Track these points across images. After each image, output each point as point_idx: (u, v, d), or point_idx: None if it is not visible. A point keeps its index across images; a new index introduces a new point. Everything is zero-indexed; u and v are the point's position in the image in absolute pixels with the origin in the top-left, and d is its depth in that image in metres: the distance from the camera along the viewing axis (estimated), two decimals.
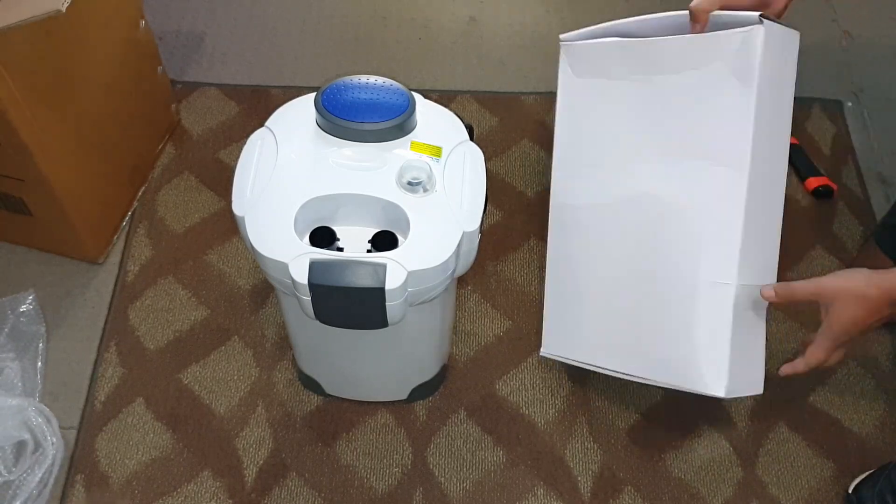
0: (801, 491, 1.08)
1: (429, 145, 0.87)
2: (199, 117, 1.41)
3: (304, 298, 0.82)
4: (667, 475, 1.08)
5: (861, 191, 1.35)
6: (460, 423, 1.12)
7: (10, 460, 1.03)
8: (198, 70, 1.48)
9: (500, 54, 1.52)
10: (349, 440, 1.10)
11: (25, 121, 1.01)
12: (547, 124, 1.41)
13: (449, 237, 0.82)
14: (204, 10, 1.57)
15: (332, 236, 0.85)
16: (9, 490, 1.02)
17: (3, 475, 1.02)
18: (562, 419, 1.12)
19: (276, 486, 1.06)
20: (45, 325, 1.16)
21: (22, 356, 1.12)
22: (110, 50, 1.16)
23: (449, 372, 1.15)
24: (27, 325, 1.15)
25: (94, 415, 1.11)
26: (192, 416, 1.11)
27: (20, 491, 1.01)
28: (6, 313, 1.15)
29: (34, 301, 1.16)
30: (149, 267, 1.24)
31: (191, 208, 1.30)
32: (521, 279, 1.24)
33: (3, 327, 1.14)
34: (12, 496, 1.01)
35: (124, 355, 1.16)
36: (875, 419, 1.13)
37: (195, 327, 1.19)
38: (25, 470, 1.02)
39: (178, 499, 1.05)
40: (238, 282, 1.23)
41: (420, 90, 0.91)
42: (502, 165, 1.36)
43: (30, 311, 1.16)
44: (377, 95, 0.87)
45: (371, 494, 1.06)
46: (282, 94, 1.43)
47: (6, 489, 1.02)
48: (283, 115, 0.91)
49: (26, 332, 1.14)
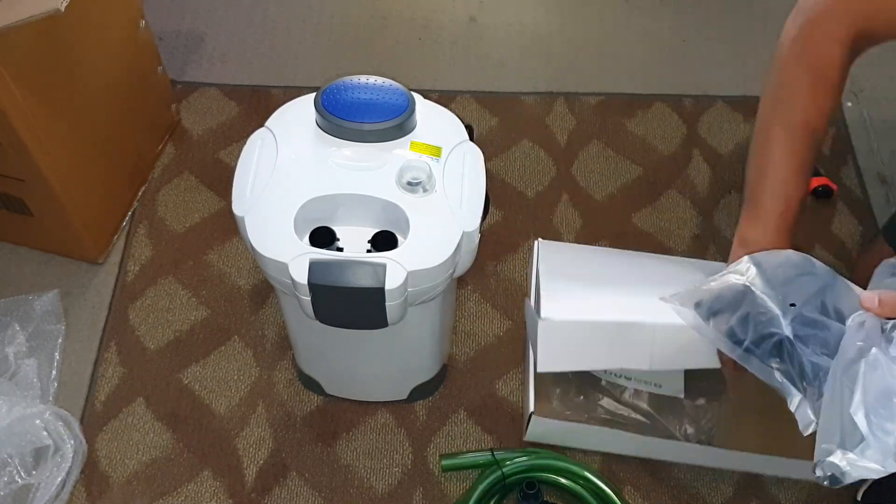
0: (802, 491, 1.08)
1: (428, 145, 0.87)
2: (199, 117, 1.41)
3: (303, 298, 0.82)
4: (666, 475, 1.08)
5: (861, 191, 1.35)
6: (460, 423, 1.12)
7: (29, 464, 1.03)
8: (198, 70, 1.48)
9: (500, 54, 1.52)
10: (349, 440, 1.10)
11: (25, 121, 1.01)
12: (547, 124, 1.42)
13: (449, 237, 0.82)
14: (204, 10, 1.57)
15: (331, 236, 0.85)
16: (28, 493, 1.02)
17: (22, 478, 1.02)
18: None
19: (276, 486, 1.06)
20: (66, 324, 1.17)
21: (39, 354, 1.12)
22: (110, 50, 1.16)
23: (449, 372, 1.15)
24: (47, 325, 1.15)
25: (94, 415, 1.11)
26: (192, 416, 1.11)
27: (39, 494, 1.01)
28: (31, 311, 1.15)
29: (56, 298, 1.16)
30: (149, 267, 1.24)
31: (191, 208, 1.30)
32: (521, 279, 1.24)
33: (28, 326, 1.14)
34: (32, 499, 1.01)
35: (124, 355, 1.16)
36: None
37: (195, 327, 1.19)
38: (45, 475, 1.02)
39: (178, 499, 1.06)
40: (238, 282, 1.23)
41: (420, 90, 0.91)
42: (502, 165, 1.36)
43: (51, 310, 1.16)
44: (377, 95, 0.87)
45: (371, 494, 1.06)
46: (282, 94, 1.43)
47: (26, 492, 1.02)
48: (283, 115, 0.91)
49: (46, 330, 1.15)
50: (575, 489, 1.03)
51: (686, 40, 1.55)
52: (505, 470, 1.03)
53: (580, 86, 1.47)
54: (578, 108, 1.44)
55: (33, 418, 1.04)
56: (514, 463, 1.04)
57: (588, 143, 1.39)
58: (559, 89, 1.47)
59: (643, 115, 1.43)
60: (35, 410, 1.04)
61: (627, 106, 1.44)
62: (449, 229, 0.83)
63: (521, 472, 1.04)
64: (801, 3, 0.92)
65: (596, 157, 1.38)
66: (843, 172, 1.37)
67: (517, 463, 1.04)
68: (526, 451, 1.06)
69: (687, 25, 1.57)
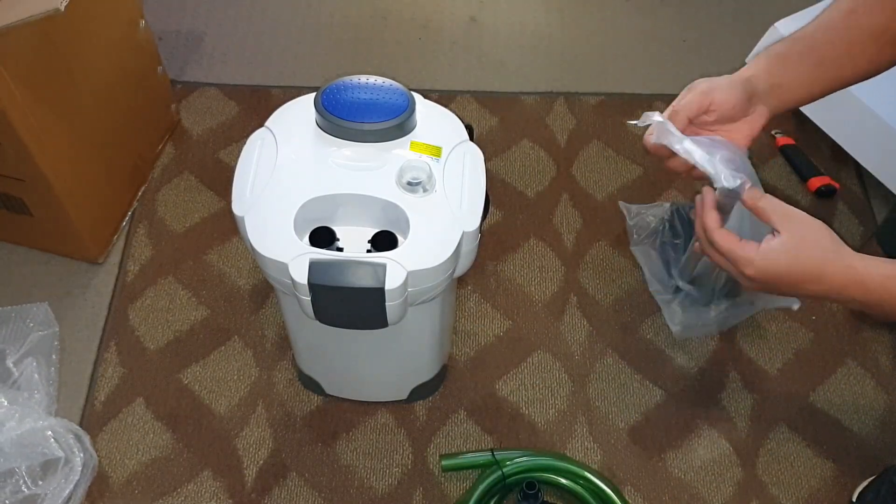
0: (801, 491, 1.08)
1: (428, 145, 0.87)
2: (199, 117, 1.40)
3: (303, 298, 0.82)
4: (667, 475, 1.08)
5: (861, 191, 1.35)
6: (460, 423, 1.12)
7: (37, 474, 1.03)
8: (198, 70, 1.48)
9: (500, 54, 1.52)
10: (349, 440, 1.10)
11: (25, 121, 1.01)
12: (547, 124, 1.42)
13: (449, 237, 0.82)
14: (204, 10, 1.57)
15: (331, 236, 0.85)
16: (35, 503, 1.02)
17: (29, 488, 1.02)
18: (562, 419, 1.12)
19: (276, 486, 1.06)
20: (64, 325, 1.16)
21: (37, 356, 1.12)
22: (110, 50, 1.16)
23: (449, 372, 1.15)
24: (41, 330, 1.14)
25: (94, 415, 1.11)
26: (192, 416, 1.11)
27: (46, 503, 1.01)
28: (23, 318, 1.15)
29: (47, 310, 1.16)
30: (149, 267, 1.24)
31: (191, 208, 1.30)
32: (521, 279, 1.24)
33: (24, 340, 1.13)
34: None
35: (124, 355, 1.16)
36: (875, 419, 1.13)
37: (195, 327, 1.19)
38: (53, 486, 1.02)
39: (178, 499, 1.05)
40: (238, 282, 1.23)
41: (420, 90, 0.91)
42: (502, 165, 1.36)
43: (44, 317, 1.15)
44: (377, 95, 0.87)
45: (371, 494, 1.06)
46: (282, 94, 1.43)
47: (31, 502, 1.02)
48: (283, 115, 0.91)
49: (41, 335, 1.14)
50: (575, 489, 1.03)
51: (686, 40, 1.55)
52: (505, 470, 1.03)
53: (580, 86, 1.47)
54: (578, 108, 1.44)
55: (44, 430, 1.04)
56: (514, 463, 1.04)
57: (588, 143, 1.39)
58: (559, 89, 1.47)
59: None
60: (46, 423, 1.04)
61: (627, 106, 1.44)
62: (449, 229, 0.83)
63: (521, 472, 1.03)
64: None
65: (596, 157, 1.38)
66: (844, 173, 1.37)
67: (517, 463, 1.04)
68: (526, 451, 1.06)
69: (687, 25, 1.57)
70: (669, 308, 1.17)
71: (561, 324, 1.20)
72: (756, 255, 0.79)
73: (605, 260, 1.27)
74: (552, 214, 1.31)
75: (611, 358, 1.18)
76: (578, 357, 1.17)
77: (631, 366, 1.17)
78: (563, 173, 1.35)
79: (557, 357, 1.17)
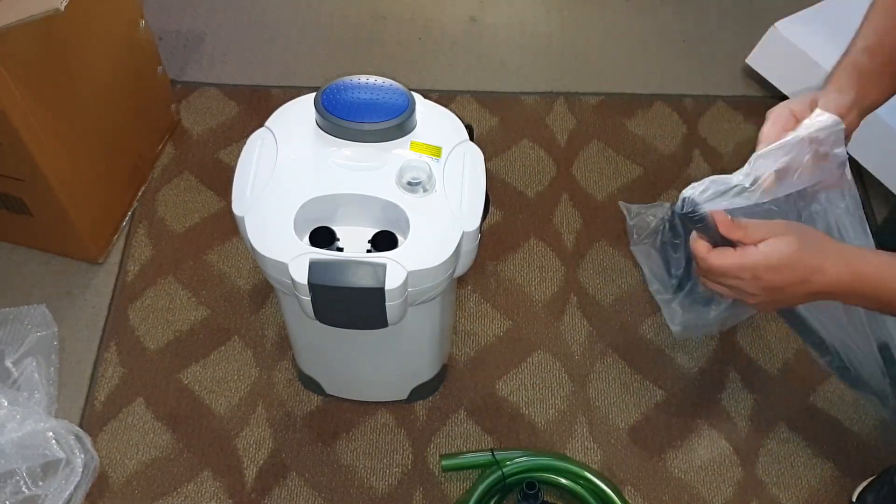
0: (802, 491, 1.08)
1: (428, 145, 0.87)
2: (199, 117, 1.40)
3: (303, 298, 0.82)
4: (667, 475, 1.08)
5: (861, 191, 1.35)
6: (460, 423, 1.12)
7: (37, 475, 1.03)
8: (198, 70, 1.48)
9: (500, 54, 1.52)
10: (349, 440, 1.10)
11: (25, 121, 1.01)
12: (547, 124, 1.42)
13: (449, 237, 0.82)
14: (204, 10, 1.57)
15: (331, 236, 0.85)
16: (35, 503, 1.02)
17: (29, 489, 1.02)
18: (562, 419, 1.12)
19: (276, 486, 1.06)
20: (64, 325, 1.16)
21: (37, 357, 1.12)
22: (110, 50, 1.16)
23: (449, 372, 1.15)
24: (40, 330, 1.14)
25: (94, 415, 1.11)
26: (192, 416, 1.11)
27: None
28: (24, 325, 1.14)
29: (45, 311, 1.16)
30: (149, 267, 1.24)
31: (191, 208, 1.30)
32: (521, 279, 1.24)
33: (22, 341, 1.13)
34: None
35: (124, 355, 1.16)
36: (875, 419, 1.13)
37: (195, 327, 1.19)
38: (53, 487, 1.02)
39: (178, 499, 1.05)
40: (238, 282, 1.23)
41: (420, 90, 0.91)
42: (502, 165, 1.36)
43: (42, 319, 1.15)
44: (377, 95, 0.87)
45: (371, 494, 1.06)
46: (282, 94, 1.43)
47: (31, 503, 1.02)
48: (283, 115, 0.91)
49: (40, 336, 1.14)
50: (575, 489, 1.03)
51: (686, 40, 1.55)
52: (505, 470, 1.03)
53: (580, 86, 1.47)
54: (578, 108, 1.44)
55: (46, 432, 1.04)
56: (514, 463, 1.04)
57: (588, 143, 1.39)
58: (559, 89, 1.47)
59: (643, 115, 1.43)
60: (48, 425, 1.04)
61: (627, 106, 1.44)
62: (449, 229, 0.83)
63: (521, 472, 1.04)
64: None
65: (596, 157, 1.38)
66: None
67: (517, 463, 1.04)
68: (526, 451, 1.06)
69: (687, 25, 1.57)
70: (669, 308, 1.17)
71: (561, 324, 1.20)
72: (758, 253, 0.78)
73: (605, 260, 1.27)
74: (552, 214, 1.31)
75: (611, 358, 1.18)
76: (578, 357, 1.18)
77: (631, 366, 1.17)
78: (563, 173, 1.36)
79: (557, 357, 1.17)
